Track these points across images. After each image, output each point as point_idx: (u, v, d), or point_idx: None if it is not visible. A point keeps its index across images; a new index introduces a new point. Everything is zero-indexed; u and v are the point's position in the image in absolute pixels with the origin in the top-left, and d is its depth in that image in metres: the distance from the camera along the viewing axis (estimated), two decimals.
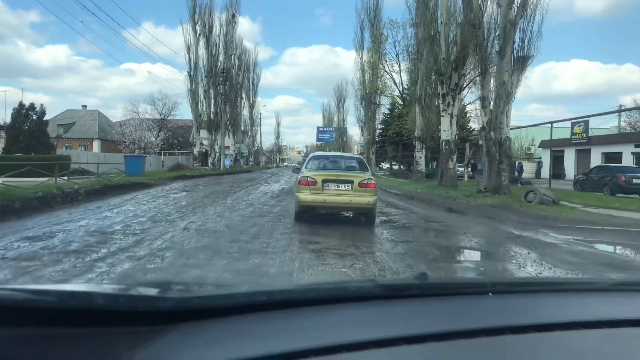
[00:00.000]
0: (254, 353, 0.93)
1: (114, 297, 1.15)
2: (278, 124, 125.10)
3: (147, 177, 25.50)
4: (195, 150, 42.62)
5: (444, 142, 21.15)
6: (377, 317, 1.17)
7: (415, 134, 28.06)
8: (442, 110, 21.21)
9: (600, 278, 4.37)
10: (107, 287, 1.46)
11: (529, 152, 58.69)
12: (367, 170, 11.35)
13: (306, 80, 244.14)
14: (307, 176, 10.36)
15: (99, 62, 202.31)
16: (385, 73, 39.73)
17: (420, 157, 28.00)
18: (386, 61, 39.62)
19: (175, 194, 17.43)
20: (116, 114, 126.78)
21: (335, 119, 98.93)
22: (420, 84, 26.55)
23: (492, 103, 16.18)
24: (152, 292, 1.25)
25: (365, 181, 10.16)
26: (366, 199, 10.09)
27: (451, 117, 21.01)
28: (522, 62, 15.81)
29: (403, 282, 1.67)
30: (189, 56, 41.44)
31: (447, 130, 21.09)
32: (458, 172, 41.88)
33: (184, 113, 70.57)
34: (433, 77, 23.03)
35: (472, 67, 21.59)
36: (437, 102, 27.79)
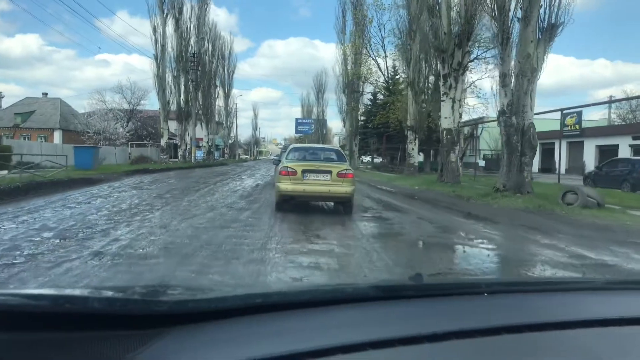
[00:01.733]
0: (249, 355, 0.92)
1: (110, 300, 1.15)
2: (255, 116, 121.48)
3: (100, 171, 22.00)
4: (163, 142, 38.85)
5: (445, 131, 18.12)
6: (373, 318, 1.17)
7: (408, 123, 24.95)
8: (443, 94, 18.16)
9: (594, 277, 3.95)
10: (102, 291, 1.36)
11: None
12: (345, 161, 11.51)
13: (284, 73, 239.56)
14: (287, 166, 10.44)
15: (73, 52, 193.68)
16: (370, 59, 36.53)
17: (413, 149, 24.90)
18: (370, 45, 36.46)
19: (122, 193, 14.06)
20: (84, 104, 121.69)
21: (315, 110, 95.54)
22: (413, 66, 23.44)
23: (513, 81, 13.17)
24: (148, 295, 1.27)
25: (344, 171, 10.37)
26: (344, 188, 10.25)
27: (453, 101, 17.97)
28: (549, 31, 12.83)
29: (398, 283, 1.67)
30: (155, 38, 37.61)
31: (448, 117, 18.06)
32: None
33: (154, 103, 66.34)
34: (430, 56, 19.97)
35: (478, 43, 18.49)
36: (432, 86, 24.82)
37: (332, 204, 11.79)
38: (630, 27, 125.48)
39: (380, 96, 59.17)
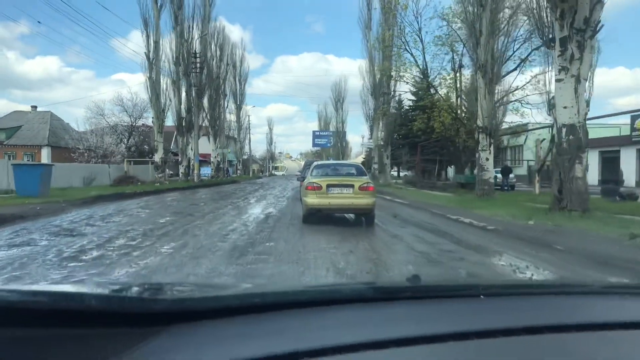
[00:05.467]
0: (246, 355, 0.91)
1: (107, 298, 1.14)
2: (270, 129, 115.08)
3: (50, 198, 15.61)
4: (157, 157, 32.33)
5: (564, 129, 11.30)
6: (370, 319, 1.17)
7: (478, 123, 17.95)
8: (560, 70, 11.38)
9: (591, 281, 3.51)
10: (100, 289, 1.38)
11: None
12: (366, 176, 12.21)
13: (298, 88, 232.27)
14: (313, 182, 11.10)
15: (91, 73, 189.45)
16: (405, 52, 29.74)
17: (488, 160, 17.79)
18: (405, 36, 29.73)
19: (15, 250, 7.47)
20: (79, 119, 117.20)
21: (334, 121, 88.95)
22: (484, 43, 16.65)
23: None
24: (146, 293, 1.26)
25: (365, 185, 11.06)
26: (366, 200, 10.93)
27: (577, 80, 11.20)
28: None
29: (396, 285, 1.64)
30: (147, 32, 31.27)
31: (569, 107, 11.25)
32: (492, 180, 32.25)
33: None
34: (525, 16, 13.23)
35: None
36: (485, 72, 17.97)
37: None
38: None
39: (408, 102, 52.60)
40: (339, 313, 1.18)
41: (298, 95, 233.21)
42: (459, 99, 30.76)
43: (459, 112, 28.69)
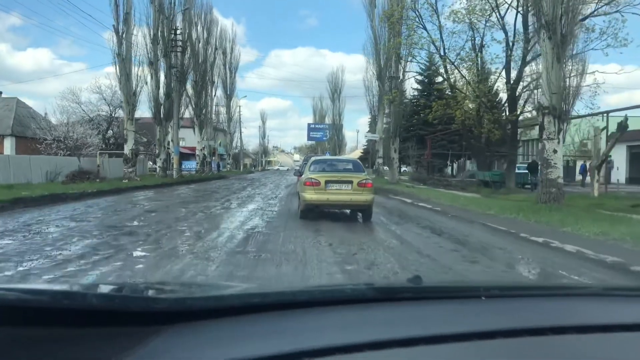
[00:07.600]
0: (246, 355, 0.90)
1: (109, 297, 1.13)
2: (264, 122, 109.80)
3: None
4: (127, 149, 27.53)
5: None
6: (371, 319, 1.15)
7: (543, 102, 13.05)
8: None
9: (592, 283, 3.65)
10: (101, 288, 1.36)
11: (584, 149, 43.78)
12: (364, 172, 11.98)
13: (292, 83, 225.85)
14: (312, 178, 10.93)
15: (83, 66, 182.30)
16: (420, 27, 25.12)
17: (556, 152, 12.80)
18: (417, 9, 25.10)
19: None
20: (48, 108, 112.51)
21: (330, 114, 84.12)
22: None
23: None
24: (147, 292, 1.24)
25: (364, 181, 10.96)
26: (364, 197, 10.87)
27: None
28: None
29: (397, 285, 1.62)
30: (116, 1, 26.32)
31: None
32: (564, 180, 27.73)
33: (144, 107, 54.13)
34: None
35: None
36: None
37: None
38: None
39: (413, 92, 47.99)
40: (340, 313, 1.16)
41: (292, 89, 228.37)
42: (480, 82, 26.30)
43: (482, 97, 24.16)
